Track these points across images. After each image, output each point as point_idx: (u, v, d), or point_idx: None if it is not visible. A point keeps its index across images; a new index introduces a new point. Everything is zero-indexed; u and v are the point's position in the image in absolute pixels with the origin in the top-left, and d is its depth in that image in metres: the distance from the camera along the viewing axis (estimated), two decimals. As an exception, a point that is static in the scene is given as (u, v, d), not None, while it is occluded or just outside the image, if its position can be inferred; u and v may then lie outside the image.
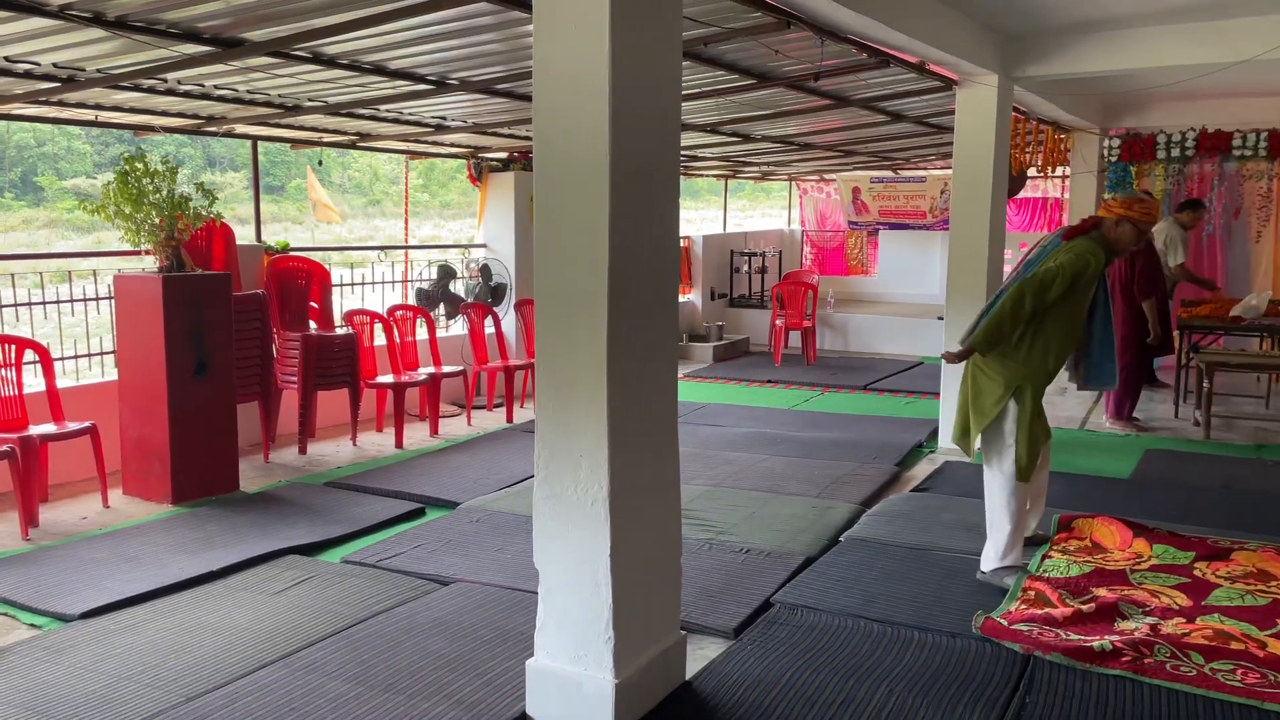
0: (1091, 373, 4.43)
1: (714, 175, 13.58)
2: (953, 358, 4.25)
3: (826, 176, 14.26)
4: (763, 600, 4.03)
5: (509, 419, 7.67)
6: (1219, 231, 9.62)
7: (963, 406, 4.31)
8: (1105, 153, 9.71)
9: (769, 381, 9.62)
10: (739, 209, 23.23)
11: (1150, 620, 3.75)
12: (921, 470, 6.28)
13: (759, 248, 13.17)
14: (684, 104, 6.93)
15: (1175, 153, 9.18)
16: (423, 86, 5.87)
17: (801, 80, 6.04)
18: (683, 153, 9.94)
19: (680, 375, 9.82)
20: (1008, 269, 13.31)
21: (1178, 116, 9.94)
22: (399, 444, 6.83)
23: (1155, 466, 6.20)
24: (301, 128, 7.18)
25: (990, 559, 4.23)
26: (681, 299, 11.99)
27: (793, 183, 15.10)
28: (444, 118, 7.14)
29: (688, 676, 3.35)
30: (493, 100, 6.42)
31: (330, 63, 5.22)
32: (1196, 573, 4.26)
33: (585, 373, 2.91)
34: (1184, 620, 3.75)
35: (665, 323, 3.14)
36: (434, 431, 7.20)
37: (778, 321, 10.82)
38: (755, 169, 12.88)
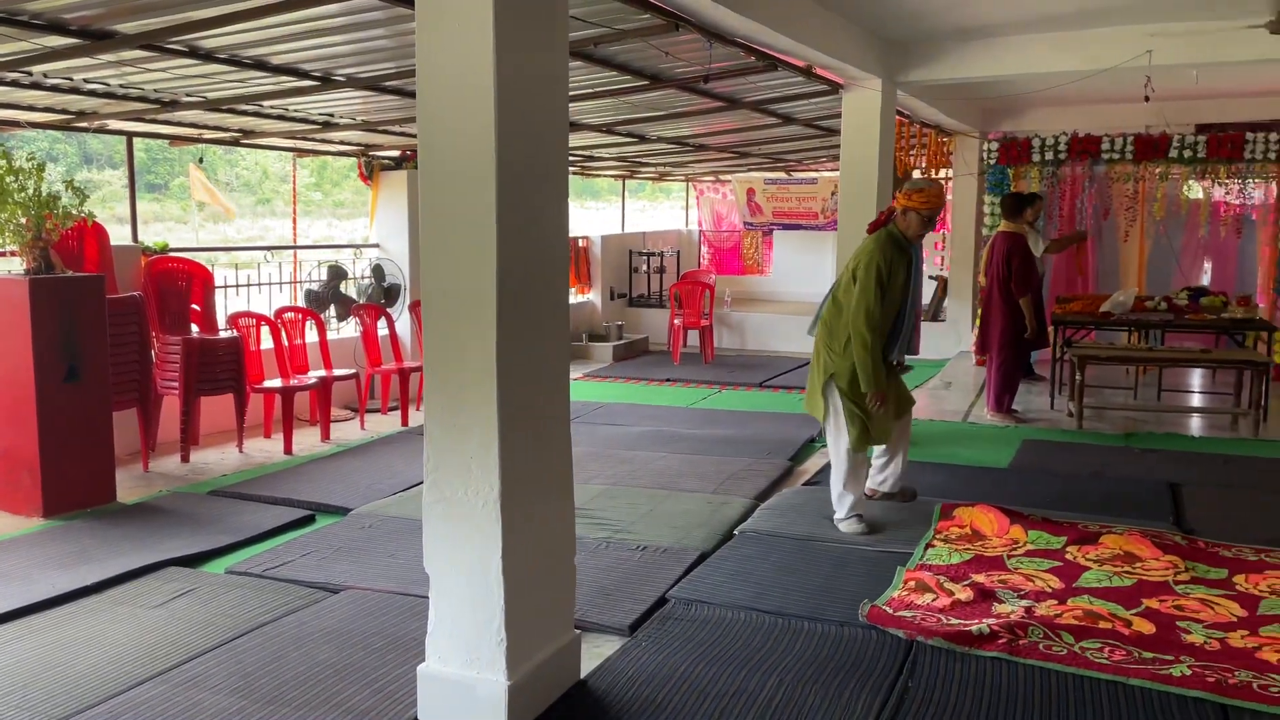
0: (901, 347, 4.80)
1: (612, 175, 13.62)
2: (874, 398, 4.68)
3: (722, 178, 14.47)
4: (658, 596, 4.06)
5: (404, 422, 7.55)
6: (1090, 231, 10.11)
7: (811, 380, 4.99)
8: (985, 156, 10.11)
9: (668, 380, 9.70)
10: (640, 209, 23.36)
11: (1025, 603, 3.92)
12: (814, 464, 6.42)
13: (657, 247, 13.27)
14: (579, 104, 6.95)
15: (1049, 156, 9.61)
16: (307, 83, 5.73)
17: (692, 82, 6.12)
18: (579, 152, 9.97)
19: (580, 375, 9.90)
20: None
21: (1052, 121, 10.43)
22: (288, 450, 6.64)
23: (1032, 456, 6.49)
24: (180, 124, 6.92)
25: (839, 510, 4.89)
26: (581, 299, 12.01)
27: (690, 183, 15.27)
28: (331, 115, 6.99)
29: (583, 675, 3.35)
30: (382, 97, 6.31)
31: (208, 57, 5.05)
32: (1068, 556, 4.47)
33: (474, 373, 2.88)
34: (1056, 602, 3.94)
35: (556, 322, 3.14)
36: (325, 436, 7.03)
37: (676, 321, 10.93)
38: (652, 169, 12.98)
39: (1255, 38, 5.28)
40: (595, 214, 23.99)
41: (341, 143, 8.34)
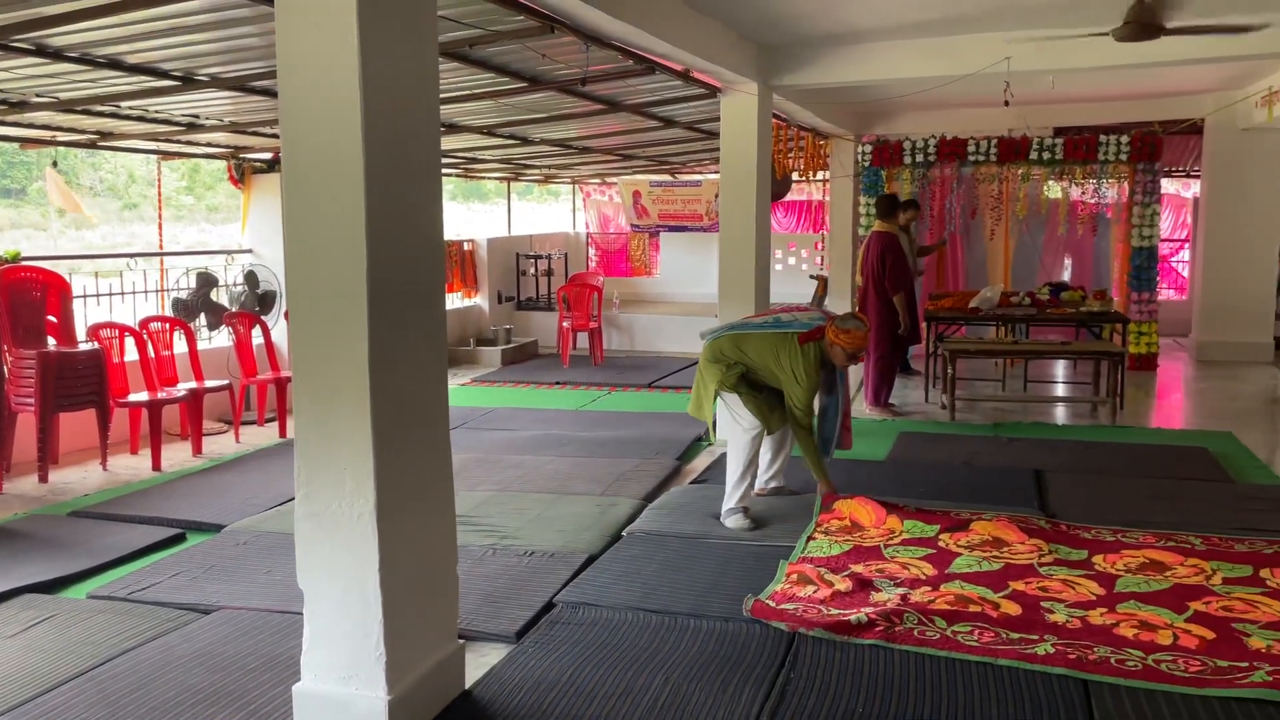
0: (824, 446, 5.22)
1: (497, 177, 13.51)
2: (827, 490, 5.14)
3: (609, 180, 14.51)
4: (545, 601, 4.04)
5: (282, 434, 7.30)
6: (959, 230, 10.54)
7: (696, 388, 5.27)
8: (859, 158, 10.42)
9: (557, 383, 9.67)
10: (529, 210, 23.21)
11: (901, 591, 4.05)
12: (701, 462, 6.50)
13: (544, 250, 13.21)
14: (457, 105, 6.86)
15: (920, 158, 9.97)
16: (167, 83, 5.49)
17: (571, 85, 6.11)
18: (461, 154, 9.84)
19: (467, 380, 9.78)
20: (777, 267, 13.98)
21: (922, 125, 10.84)
22: (156, 466, 6.35)
23: (907, 448, 6.72)
24: (32, 125, 6.54)
25: (726, 501, 5.03)
26: (467, 302, 11.86)
27: (576, 186, 15.26)
28: (197, 116, 6.71)
29: (467, 685, 3.31)
30: (250, 98, 6.09)
31: (57, 55, 4.78)
32: (941, 544, 4.64)
33: (346, 381, 2.81)
34: (930, 589, 4.08)
35: (432, 325, 3.09)
36: (197, 451, 6.74)
37: (565, 323, 10.90)
38: (538, 171, 12.92)
39: (1103, 45, 5.57)
40: (483, 216, 23.76)
41: (209, 145, 8.02)
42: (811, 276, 12.81)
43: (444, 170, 11.43)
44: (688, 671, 3.40)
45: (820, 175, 11.89)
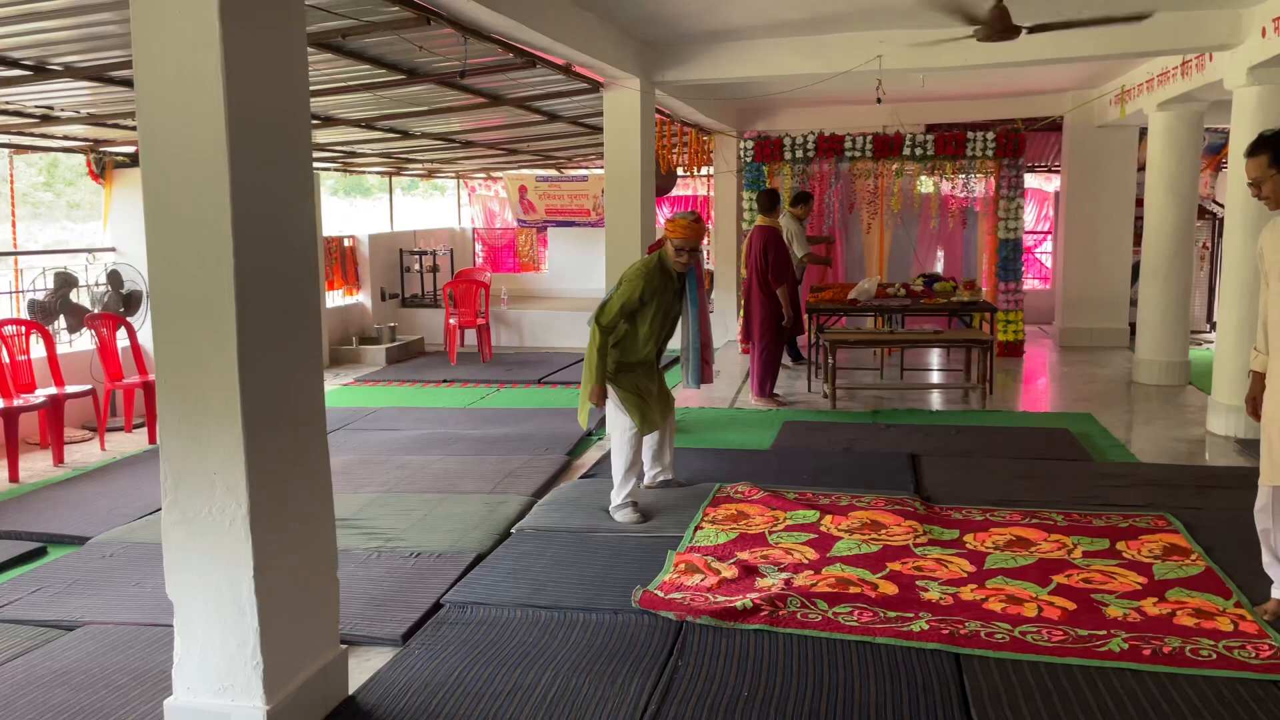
0: (690, 373, 5.22)
1: (378, 172, 13.21)
2: (592, 394, 4.99)
3: (494, 174, 14.37)
4: (432, 602, 3.98)
5: (151, 440, 6.98)
6: (838, 224, 10.84)
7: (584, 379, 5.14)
8: (742, 154, 10.60)
9: (444, 381, 9.54)
10: (412, 206, 22.77)
11: (785, 575, 4.15)
12: (591, 457, 6.51)
13: (429, 246, 13.00)
14: (332, 98, 6.69)
15: (799, 154, 10.21)
16: (17, 72, 5.17)
17: (450, 77, 6.03)
18: (338, 148, 9.60)
19: (350, 380, 9.56)
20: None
21: (801, 121, 11.10)
22: (13, 478, 5.98)
23: (791, 437, 6.88)
24: None
25: (614, 497, 5.04)
26: (349, 300, 11.58)
27: (461, 180, 15.06)
28: (51, 107, 6.34)
29: (351, 691, 3.24)
30: (110, 89, 5.80)
31: (-112, 40, 4.46)
32: (822, 529, 4.78)
33: (214, 383, 2.71)
34: (813, 572, 4.20)
35: (306, 324, 3.00)
36: (59, 460, 6.39)
37: (451, 320, 10.76)
38: (420, 166, 12.70)
39: (967, 46, 5.81)
40: (366, 211, 23.21)
41: (66, 138, 7.59)
42: (698, 270, 12.99)
43: (321, 164, 11.13)
44: (577, 665, 3.41)
45: (705, 171, 12.05)
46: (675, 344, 5.31)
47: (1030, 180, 12.70)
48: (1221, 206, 8.32)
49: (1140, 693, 3.14)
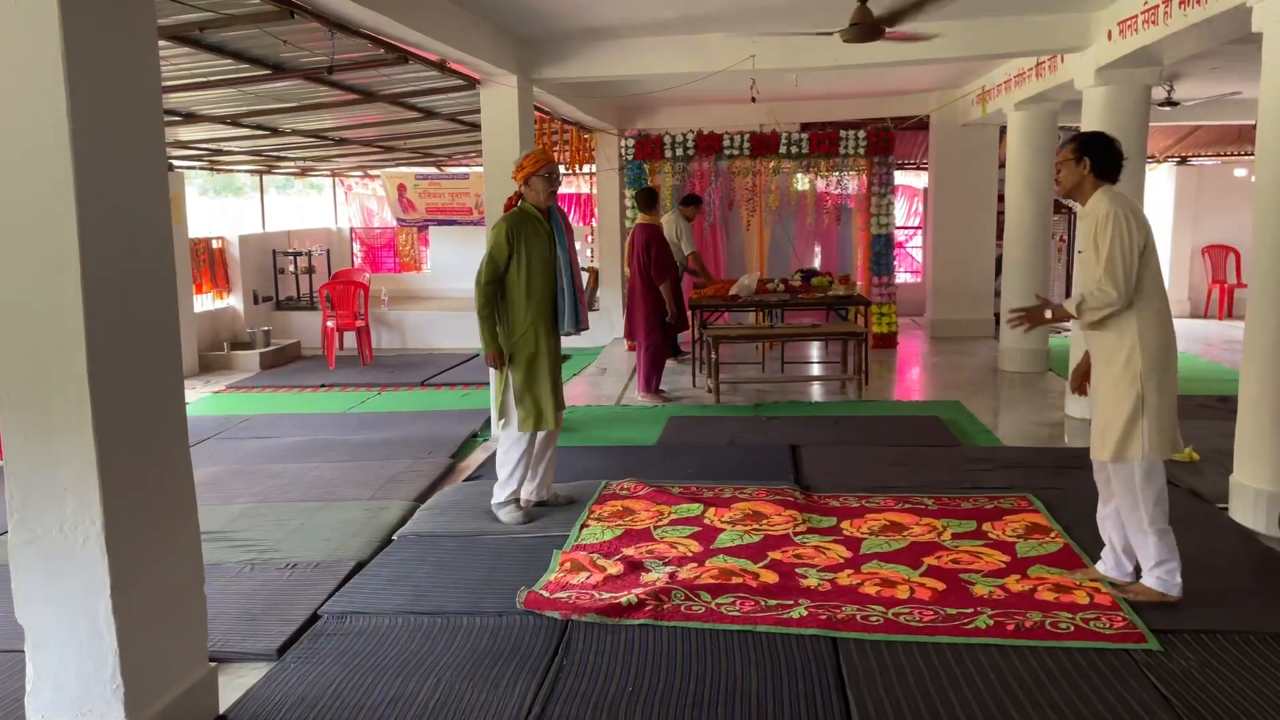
0: (568, 317, 4.92)
1: (248, 170, 12.74)
2: (489, 358, 4.87)
3: (370, 172, 14.04)
4: (309, 614, 3.87)
5: None
6: (718, 222, 11.00)
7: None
8: (623, 152, 10.64)
9: (322, 386, 9.27)
10: (287, 205, 22.04)
11: (669, 569, 4.19)
12: (475, 459, 6.44)
13: (304, 246, 12.61)
14: (195, 93, 6.42)
15: (679, 152, 10.31)
16: None
17: (318, 73, 5.85)
18: (202, 146, 9.22)
19: (221, 387, 9.20)
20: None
21: (680, 120, 11.20)
22: None
23: (676, 432, 6.95)
24: None
25: (497, 495, 4.97)
26: (219, 304, 11.14)
27: (336, 178, 14.66)
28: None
29: (222, 710, 3.12)
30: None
31: None
32: (706, 521, 4.84)
33: (62, 394, 2.57)
34: (696, 565, 4.25)
35: (163, 330, 2.87)
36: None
37: (329, 323, 10.46)
38: (292, 164, 12.30)
39: (836, 46, 5.97)
40: (238, 211, 22.36)
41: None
42: (582, 269, 12.99)
43: (185, 163, 10.66)
44: (460, 671, 3.37)
45: (587, 169, 12.05)
46: (567, 343, 5.24)
47: (901, 177, 13.14)
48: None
49: (1005, 666, 3.30)
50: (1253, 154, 4.93)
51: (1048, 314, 3.83)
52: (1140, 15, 5.79)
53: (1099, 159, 3.71)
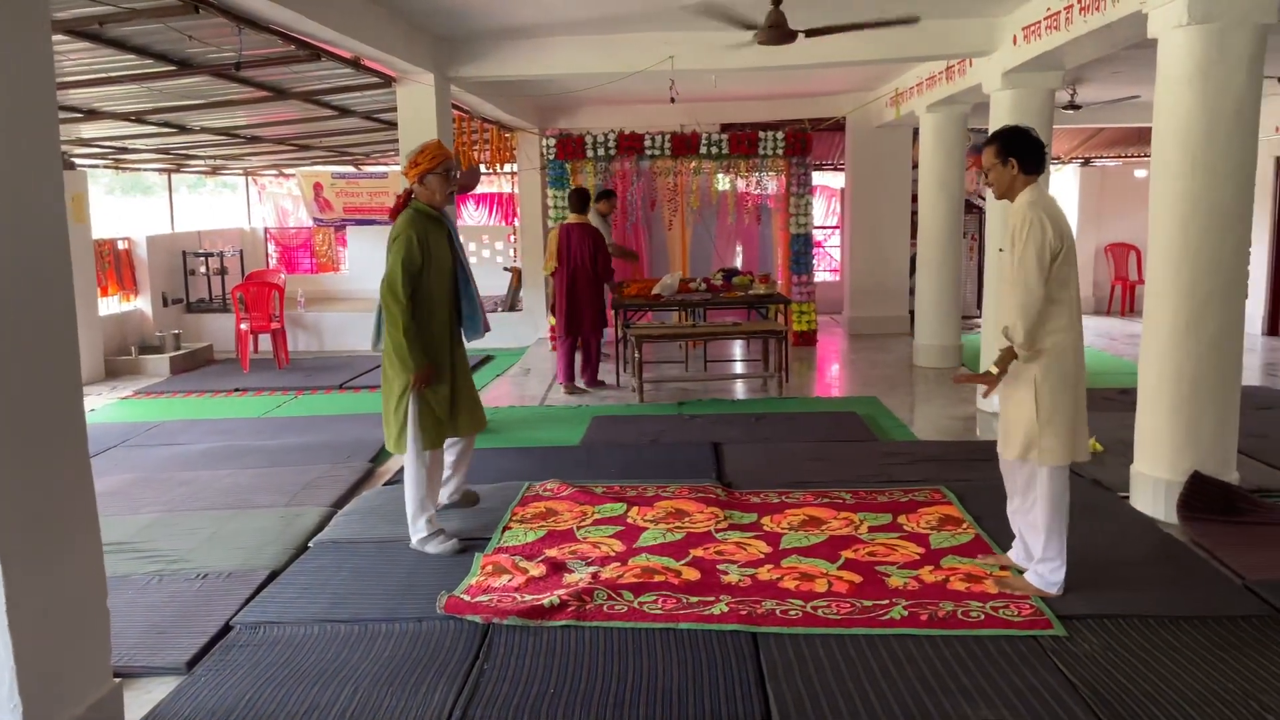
0: (468, 326, 4.65)
1: (155, 169, 12.34)
2: (419, 379, 4.40)
3: (285, 171, 13.72)
4: (221, 625, 3.77)
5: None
6: (641, 221, 11.04)
7: (387, 413, 4.53)
8: (544, 151, 10.60)
9: (236, 390, 9.03)
10: (199, 204, 21.39)
11: (592, 569, 4.19)
12: (395, 463, 6.33)
13: (216, 247, 12.27)
14: (96, 90, 6.20)
15: (601, 152, 10.31)
16: None
17: (225, 69, 5.70)
18: (106, 144, 8.92)
19: (129, 393, 8.89)
20: (472, 260, 14.02)
21: (602, 119, 11.21)
22: None
23: (600, 431, 6.95)
24: None
25: (417, 530, 4.55)
26: (126, 306, 10.76)
27: (249, 177, 14.29)
28: None
29: (129, 727, 3.01)
30: None
31: None
32: (630, 520, 4.85)
33: (-51, 404, 2.45)
34: (619, 564, 4.26)
35: (58, 334, 2.75)
36: None
37: (243, 325, 10.18)
38: (202, 162, 11.95)
39: (752, 49, 6.03)
40: (147, 210, 21.63)
41: None
42: (505, 269, 12.90)
43: (87, 161, 10.28)
44: (378, 678, 3.31)
45: (508, 168, 11.97)
46: (490, 343, 5.15)
47: (819, 177, 13.37)
48: (984, 200, 9.06)
49: (918, 655, 3.38)
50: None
51: (995, 370, 3.79)
52: (1043, 21, 5.99)
53: (1023, 155, 3.74)
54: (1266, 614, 3.64)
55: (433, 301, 4.46)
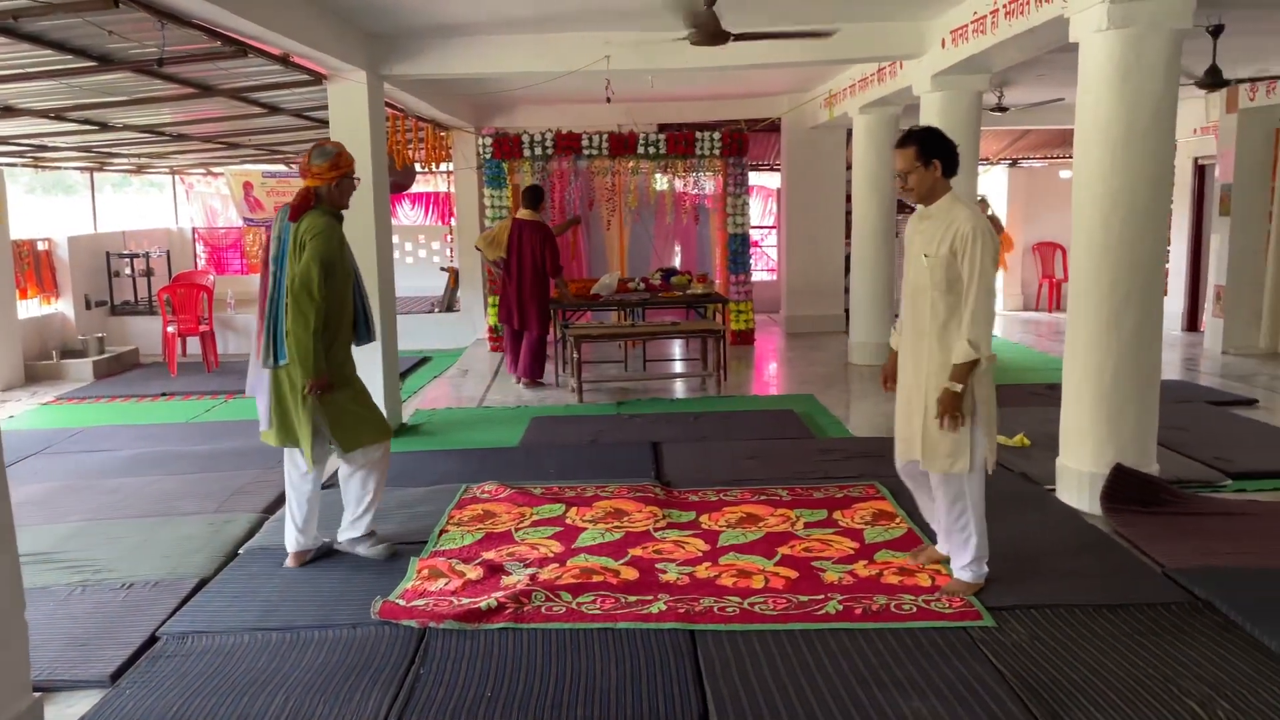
0: (361, 333, 4.43)
1: (78, 167, 11.96)
2: (314, 386, 4.12)
3: (214, 170, 13.40)
4: (147, 636, 3.67)
5: None
6: (582, 218, 10.99)
7: (282, 419, 4.26)
8: (481, 150, 10.51)
9: (163, 394, 8.80)
10: (125, 204, 20.79)
11: (530, 571, 4.17)
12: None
13: (142, 247, 11.94)
14: (12, 86, 5.99)
15: (538, 151, 10.27)
16: None
17: (148, 65, 5.53)
18: (24, 141, 8.62)
19: (50, 399, 8.61)
20: (408, 260, 13.80)
21: (539, 119, 11.15)
22: None
23: (539, 432, 6.92)
24: None
25: (356, 526, 4.43)
26: (46, 309, 10.41)
27: (176, 176, 13.93)
28: None
29: (48, 744, 2.91)
30: None
31: None
32: (568, 521, 4.84)
33: None
34: (558, 565, 4.24)
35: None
36: None
37: (170, 328, 9.92)
38: (126, 161, 11.61)
39: (686, 49, 6.05)
40: (70, 210, 20.97)
41: None
42: (442, 269, 12.78)
43: (4, 160, 9.93)
44: (310, 686, 3.25)
45: (444, 167, 11.84)
46: (428, 344, 5.05)
47: (755, 178, 13.47)
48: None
49: (853, 649, 3.42)
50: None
51: (958, 388, 3.59)
52: (970, 24, 6.12)
53: (946, 157, 3.65)
54: (1185, 601, 3.76)
55: (343, 306, 4.25)
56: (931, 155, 3.65)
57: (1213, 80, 6.82)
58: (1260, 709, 2.97)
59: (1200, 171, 11.16)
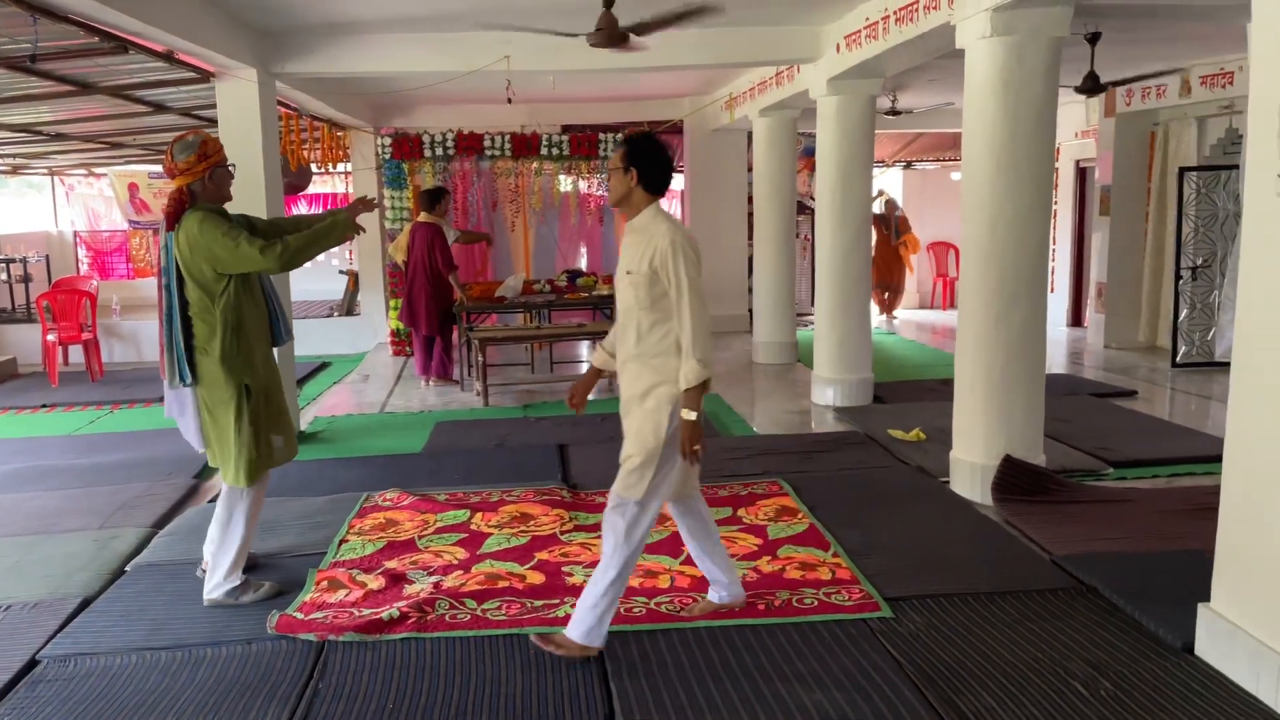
0: (283, 327, 4.22)
1: (-55, 168, 11.30)
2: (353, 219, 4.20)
3: (96, 171, 12.83)
4: (26, 660, 3.48)
5: None
6: (483, 223, 10.90)
7: (209, 435, 3.97)
8: (380, 151, 10.31)
9: (44, 406, 8.38)
10: (0, 207, 19.70)
11: (434, 579, 4.10)
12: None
13: (18, 252, 11.35)
14: None
15: (440, 151, 10.13)
16: None
17: (19, 61, 5.26)
18: (-116, 140, 8.09)
19: (-84, 413, 8.06)
20: (306, 265, 13.51)
21: (440, 119, 10.99)
22: None
23: (444, 437, 6.81)
24: None
25: (224, 583, 3.94)
26: (-87, 320, 9.80)
27: (55, 177, 13.29)
28: None
29: (-86, 782, 2.74)
30: None
31: None
32: (473, 527, 4.78)
33: None
34: (463, 572, 4.18)
35: None
36: None
37: (50, 336, 9.45)
38: (0, 161, 11.02)
39: (586, 51, 6.04)
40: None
41: None
42: (341, 272, 12.49)
43: None
44: (203, 706, 3.14)
45: (341, 167, 11.58)
46: (327, 349, 4.93)
47: (660, 179, 13.53)
48: (814, 201, 9.42)
49: (756, 644, 3.47)
50: (963, 160, 5.55)
51: (693, 416, 3.31)
52: (863, 30, 6.27)
53: (645, 168, 3.34)
54: (1071, 586, 3.93)
55: (255, 302, 3.98)
56: (631, 162, 3.35)
57: (1091, 85, 7.13)
58: (1140, 686, 3.12)
59: (1082, 173, 11.67)
